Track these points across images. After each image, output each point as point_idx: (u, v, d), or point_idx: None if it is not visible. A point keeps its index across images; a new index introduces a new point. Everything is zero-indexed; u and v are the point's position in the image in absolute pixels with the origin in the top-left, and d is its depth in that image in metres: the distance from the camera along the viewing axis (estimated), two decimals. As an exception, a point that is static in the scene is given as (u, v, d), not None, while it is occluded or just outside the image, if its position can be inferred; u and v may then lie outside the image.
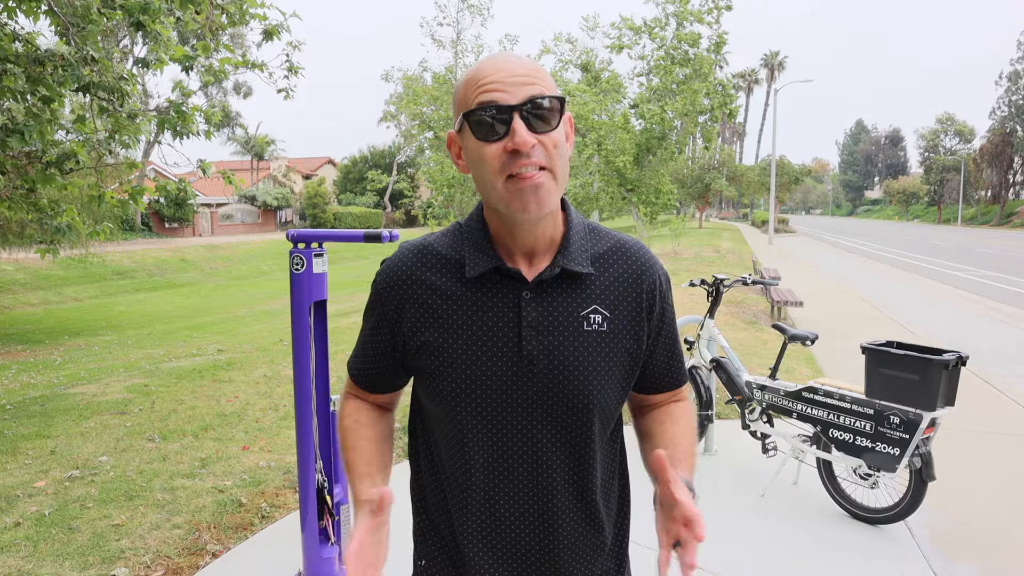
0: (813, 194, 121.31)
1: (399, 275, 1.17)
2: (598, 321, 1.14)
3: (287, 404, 5.62)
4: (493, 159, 1.04)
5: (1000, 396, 6.07)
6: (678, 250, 22.80)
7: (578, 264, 1.13)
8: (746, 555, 3.26)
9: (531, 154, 1.02)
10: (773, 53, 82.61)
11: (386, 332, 1.19)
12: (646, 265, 1.19)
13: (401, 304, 1.16)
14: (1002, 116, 62.19)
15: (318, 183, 47.06)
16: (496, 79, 1.03)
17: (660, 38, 17.50)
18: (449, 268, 1.15)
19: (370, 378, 1.26)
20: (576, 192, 18.33)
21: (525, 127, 1.02)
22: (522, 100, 1.02)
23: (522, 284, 1.12)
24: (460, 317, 1.13)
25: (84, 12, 4.44)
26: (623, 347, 1.16)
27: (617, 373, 1.16)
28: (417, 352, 1.16)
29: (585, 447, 1.16)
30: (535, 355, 1.11)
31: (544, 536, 1.18)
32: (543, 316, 1.12)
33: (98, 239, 6.98)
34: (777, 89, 33.11)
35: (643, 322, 1.18)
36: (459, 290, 1.14)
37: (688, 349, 4.57)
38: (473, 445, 1.15)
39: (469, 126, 1.05)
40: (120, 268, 23.20)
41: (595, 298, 1.15)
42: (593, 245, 1.18)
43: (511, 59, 1.07)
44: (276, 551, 3.30)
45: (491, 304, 1.13)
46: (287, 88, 5.97)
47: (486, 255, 1.13)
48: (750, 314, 10.27)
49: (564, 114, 1.08)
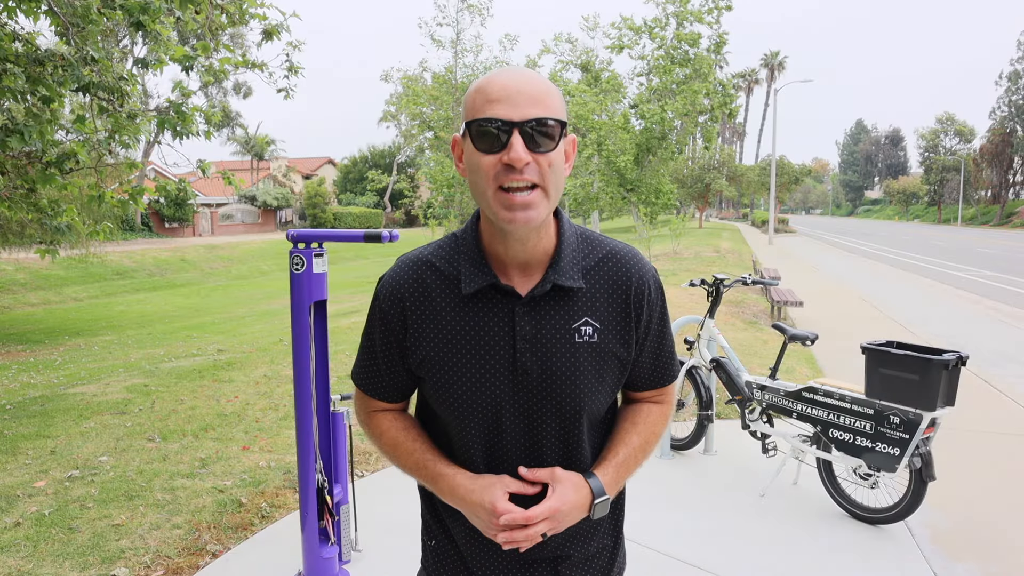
0: (813, 194, 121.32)
1: (400, 290, 1.22)
2: (589, 333, 1.19)
3: (287, 404, 5.62)
4: (488, 169, 1.07)
5: (1000, 396, 6.07)
6: (678, 250, 22.80)
7: (569, 279, 1.17)
8: (746, 555, 3.26)
9: (524, 171, 1.06)
10: (773, 53, 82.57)
11: (394, 344, 1.25)
12: (634, 273, 1.23)
13: (404, 318, 1.22)
14: (1002, 116, 62.13)
15: (318, 183, 47.05)
16: (504, 93, 1.06)
17: (660, 38, 17.49)
18: (446, 283, 1.20)
19: (384, 388, 1.31)
20: (576, 192, 18.34)
21: (523, 144, 1.05)
22: (525, 119, 1.05)
23: (516, 300, 1.17)
24: (457, 332, 1.19)
25: (84, 12, 4.44)
26: (613, 355, 1.22)
27: (607, 380, 1.23)
28: (419, 365, 1.23)
29: (576, 441, 1.24)
30: (529, 367, 1.17)
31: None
32: (536, 330, 1.17)
33: (98, 239, 6.99)
34: (777, 89, 33.12)
35: (631, 329, 1.22)
36: (456, 305, 1.19)
37: (688, 349, 4.57)
38: (473, 443, 1.23)
39: (471, 134, 1.09)
40: (120, 268, 23.20)
41: (586, 310, 1.19)
42: (585, 257, 1.22)
43: (525, 76, 1.09)
44: (276, 551, 3.30)
45: (486, 319, 1.18)
46: (287, 88, 5.97)
47: (481, 271, 1.17)
48: (750, 314, 10.27)
49: (565, 136, 1.11)
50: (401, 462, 1.29)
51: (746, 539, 3.42)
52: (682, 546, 3.34)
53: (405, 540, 3.35)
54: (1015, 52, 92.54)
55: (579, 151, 17.52)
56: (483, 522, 1.18)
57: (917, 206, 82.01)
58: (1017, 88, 61.16)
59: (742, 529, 3.52)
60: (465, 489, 1.20)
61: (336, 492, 2.85)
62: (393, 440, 1.30)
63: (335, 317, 11.04)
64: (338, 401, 2.89)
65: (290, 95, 6.05)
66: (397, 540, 3.38)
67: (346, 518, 2.93)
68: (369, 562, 3.18)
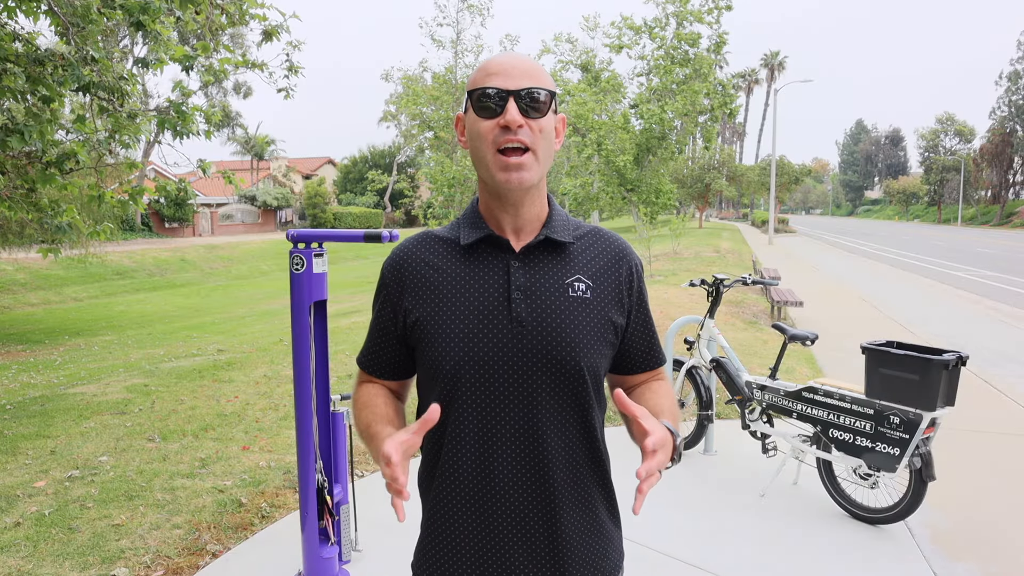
0: (813, 194, 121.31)
1: (401, 258, 1.32)
2: (581, 289, 1.27)
3: (287, 404, 5.62)
4: (487, 132, 1.19)
5: (1000, 396, 6.07)
6: (678, 250, 22.81)
7: (561, 235, 1.28)
8: (746, 555, 3.26)
9: (518, 132, 1.18)
10: (773, 53, 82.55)
11: (389, 312, 1.31)
12: (624, 248, 1.35)
13: (402, 282, 1.29)
14: (1002, 116, 62.14)
15: (318, 183, 47.05)
16: (501, 68, 1.20)
17: (660, 38, 17.48)
18: (446, 246, 1.30)
19: (378, 361, 1.36)
20: (576, 192, 18.32)
21: (517, 109, 1.18)
22: (519, 87, 1.18)
23: (510, 254, 1.26)
24: (454, 286, 1.26)
25: (84, 12, 4.44)
26: (607, 316, 1.28)
27: (603, 339, 1.27)
28: (415, 324, 1.27)
29: (585, 407, 1.25)
30: (524, 317, 1.22)
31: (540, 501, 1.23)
32: (530, 281, 1.25)
33: (98, 239, 6.98)
34: (777, 89, 33.12)
35: (624, 296, 1.31)
36: (453, 262, 1.28)
37: (688, 349, 4.57)
38: (466, 411, 1.22)
39: (472, 103, 1.21)
40: (120, 268, 23.20)
41: (577, 268, 1.28)
42: (575, 228, 1.34)
43: (519, 57, 1.23)
44: (276, 551, 3.30)
45: (482, 271, 1.26)
46: (287, 88, 5.97)
47: (478, 228, 1.28)
48: (750, 314, 10.27)
49: (555, 109, 1.24)
50: (359, 427, 1.30)
51: (746, 539, 3.42)
52: (682, 546, 3.34)
53: (405, 540, 3.35)
54: (1015, 52, 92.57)
55: (579, 151, 17.52)
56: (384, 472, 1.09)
57: (917, 206, 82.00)
58: (1017, 88, 61.17)
59: (742, 529, 3.52)
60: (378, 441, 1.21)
61: (336, 492, 2.85)
62: (361, 404, 1.33)
63: (335, 317, 11.04)
64: (338, 401, 2.89)
65: (290, 95, 6.05)
66: (397, 540, 3.38)
67: (346, 518, 2.93)
68: (369, 562, 3.18)
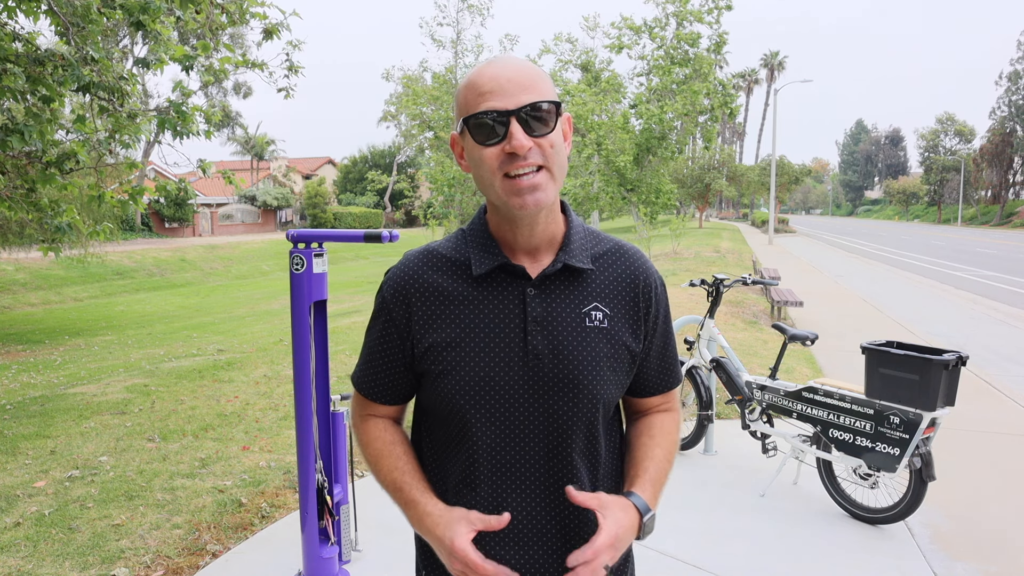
0: (813, 194, 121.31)
1: (406, 280, 1.20)
2: (599, 318, 1.18)
3: (287, 404, 5.61)
4: (491, 160, 1.08)
5: (1000, 396, 6.07)
6: (678, 250, 22.80)
7: (579, 260, 1.17)
8: (746, 555, 3.26)
9: (528, 156, 1.07)
10: (773, 53, 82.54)
11: (396, 337, 1.21)
12: (642, 268, 1.24)
13: (409, 307, 1.18)
14: (1002, 116, 62.13)
15: (318, 183, 47.04)
16: (495, 85, 1.06)
17: (660, 38, 17.48)
18: (455, 269, 1.19)
19: (382, 389, 1.26)
20: (576, 192, 18.31)
21: (522, 131, 1.06)
22: (519, 105, 1.06)
23: (526, 281, 1.16)
24: (467, 315, 1.16)
25: (84, 12, 4.44)
26: (623, 344, 1.19)
27: (619, 369, 1.19)
28: (426, 352, 1.17)
29: (593, 437, 1.20)
30: (540, 351, 1.14)
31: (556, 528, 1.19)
32: (547, 312, 1.15)
33: (98, 239, 6.98)
34: (777, 89, 33.11)
35: (640, 321, 1.21)
36: (465, 289, 1.17)
37: (688, 349, 4.57)
38: (479, 446, 1.16)
39: (469, 129, 1.09)
40: (120, 268, 23.19)
41: (596, 295, 1.18)
42: (593, 246, 1.22)
43: (509, 64, 1.09)
44: (276, 551, 3.30)
45: (497, 302, 1.16)
46: (287, 87, 5.97)
47: (491, 254, 1.16)
48: (750, 314, 10.26)
49: (561, 115, 1.12)
50: (381, 477, 1.24)
51: (746, 539, 3.42)
52: (682, 546, 3.34)
53: (405, 540, 3.35)
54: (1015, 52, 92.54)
55: (579, 151, 17.51)
56: (444, 558, 1.12)
57: (917, 206, 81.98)
58: (1017, 88, 61.16)
59: (742, 529, 3.52)
60: (432, 520, 1.14)
61: (336, 492, 2.85)
62: (377, 453, 1.25)
63: (335, 317, 11.04)
64: (338, 401, 2.89)
65: (290, 95, 6.05)
66: (397, 540, 3.38)
67: (346, 518, 2.93)
68: (369, 562, 3.18)
